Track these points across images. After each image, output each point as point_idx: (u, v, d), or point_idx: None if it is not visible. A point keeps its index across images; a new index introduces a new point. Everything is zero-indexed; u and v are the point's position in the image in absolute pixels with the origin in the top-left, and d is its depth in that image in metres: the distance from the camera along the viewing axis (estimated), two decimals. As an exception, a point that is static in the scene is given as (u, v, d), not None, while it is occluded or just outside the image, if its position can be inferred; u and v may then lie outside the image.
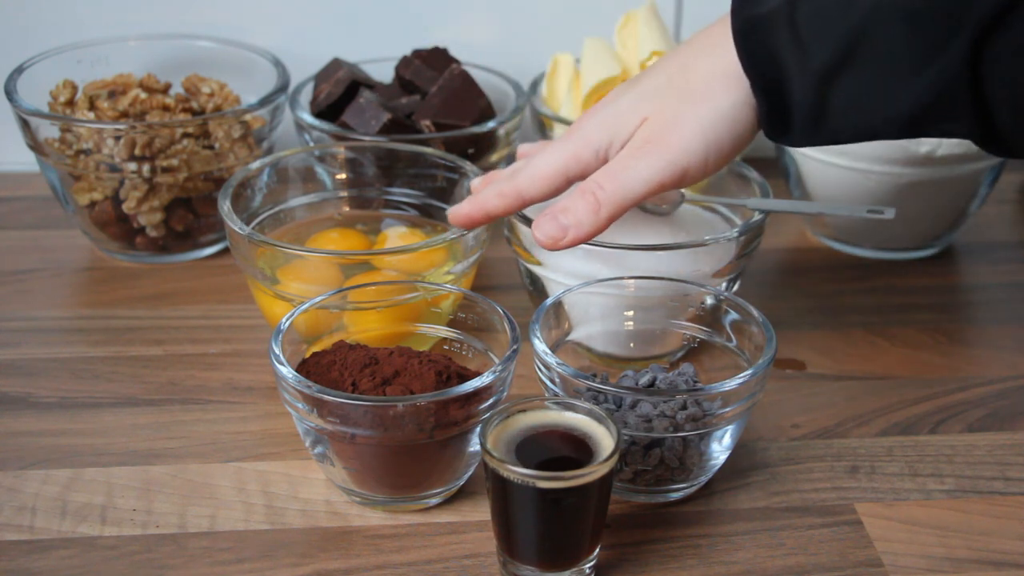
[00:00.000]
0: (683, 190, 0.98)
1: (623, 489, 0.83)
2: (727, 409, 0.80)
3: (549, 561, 0.75)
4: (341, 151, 1.07)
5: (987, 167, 1.10)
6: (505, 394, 0.81)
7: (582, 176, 0.84)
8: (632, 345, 0.94)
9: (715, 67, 0.81)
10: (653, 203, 0.96)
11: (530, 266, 0.96)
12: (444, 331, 0.90)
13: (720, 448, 0.83)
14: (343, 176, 1.07)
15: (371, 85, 1.16)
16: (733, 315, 0.88)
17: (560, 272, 0.93)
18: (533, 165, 0.85)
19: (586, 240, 0.83)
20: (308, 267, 0.92)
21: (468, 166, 1.03)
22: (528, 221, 0.93)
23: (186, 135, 1.07)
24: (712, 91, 0.81)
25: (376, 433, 0.77)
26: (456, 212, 0.88)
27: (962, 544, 0.81)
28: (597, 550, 0.76)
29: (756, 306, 0.87)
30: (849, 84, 0.77)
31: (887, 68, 0.76)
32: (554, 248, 0.83)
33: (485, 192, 0.87)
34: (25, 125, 1.08)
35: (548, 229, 0.83)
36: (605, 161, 0.84)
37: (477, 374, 0.81)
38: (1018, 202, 1.26)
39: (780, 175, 1.19)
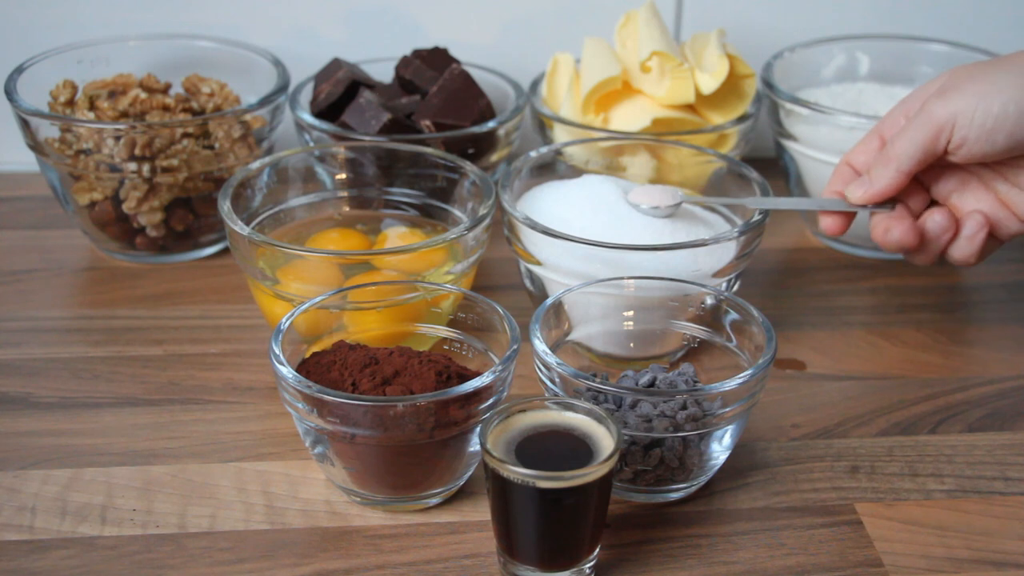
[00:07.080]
0: (683, 190, 0.98)
1: (623, 489, 0.83)
2: (727, 409, 0.80)
3: (549, 561, 0.75)
4: (341, 151, 1.07)
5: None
6: (505, 394, 0.81)
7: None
8: (632, 345, 0.93)
9: None
10: (652, 204, 0.96)
11: (530, 266, 0.96)
12: (444, 331, 0.90)
13: (720, 448, 0.83)
14: (343, 176, 1.07)
15: (371, 85, 1.16)
16: (733, 315, 0.88)
17: (560, 272, 0.93)
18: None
19: (881, 197, 0.89)
20: (308, 267, 0.92)
21: (468, 166, 1.03)
22: (532, 223, 0.93)
23: (186, 135, 1.07)
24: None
25: (376, 433, 0.77)
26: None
27: (962, 544, 0.81)
28: (597, 550, 0.76)
29: (756, 306, 0.87)
30: None
31: None
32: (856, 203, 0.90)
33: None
34: (25, 125, 1.08)
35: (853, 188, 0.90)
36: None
37: (477, 374, 0.81)
38: (1018, 202, 1.26)
39: (780, 175, 1.19)
